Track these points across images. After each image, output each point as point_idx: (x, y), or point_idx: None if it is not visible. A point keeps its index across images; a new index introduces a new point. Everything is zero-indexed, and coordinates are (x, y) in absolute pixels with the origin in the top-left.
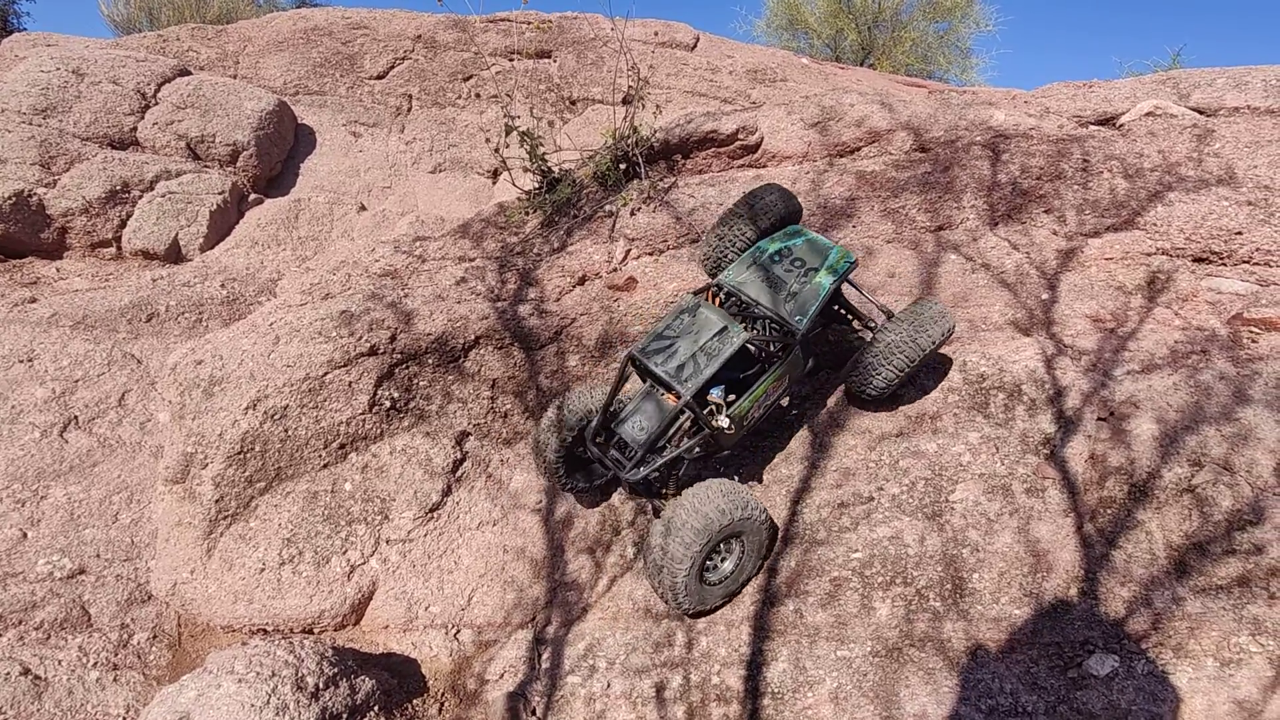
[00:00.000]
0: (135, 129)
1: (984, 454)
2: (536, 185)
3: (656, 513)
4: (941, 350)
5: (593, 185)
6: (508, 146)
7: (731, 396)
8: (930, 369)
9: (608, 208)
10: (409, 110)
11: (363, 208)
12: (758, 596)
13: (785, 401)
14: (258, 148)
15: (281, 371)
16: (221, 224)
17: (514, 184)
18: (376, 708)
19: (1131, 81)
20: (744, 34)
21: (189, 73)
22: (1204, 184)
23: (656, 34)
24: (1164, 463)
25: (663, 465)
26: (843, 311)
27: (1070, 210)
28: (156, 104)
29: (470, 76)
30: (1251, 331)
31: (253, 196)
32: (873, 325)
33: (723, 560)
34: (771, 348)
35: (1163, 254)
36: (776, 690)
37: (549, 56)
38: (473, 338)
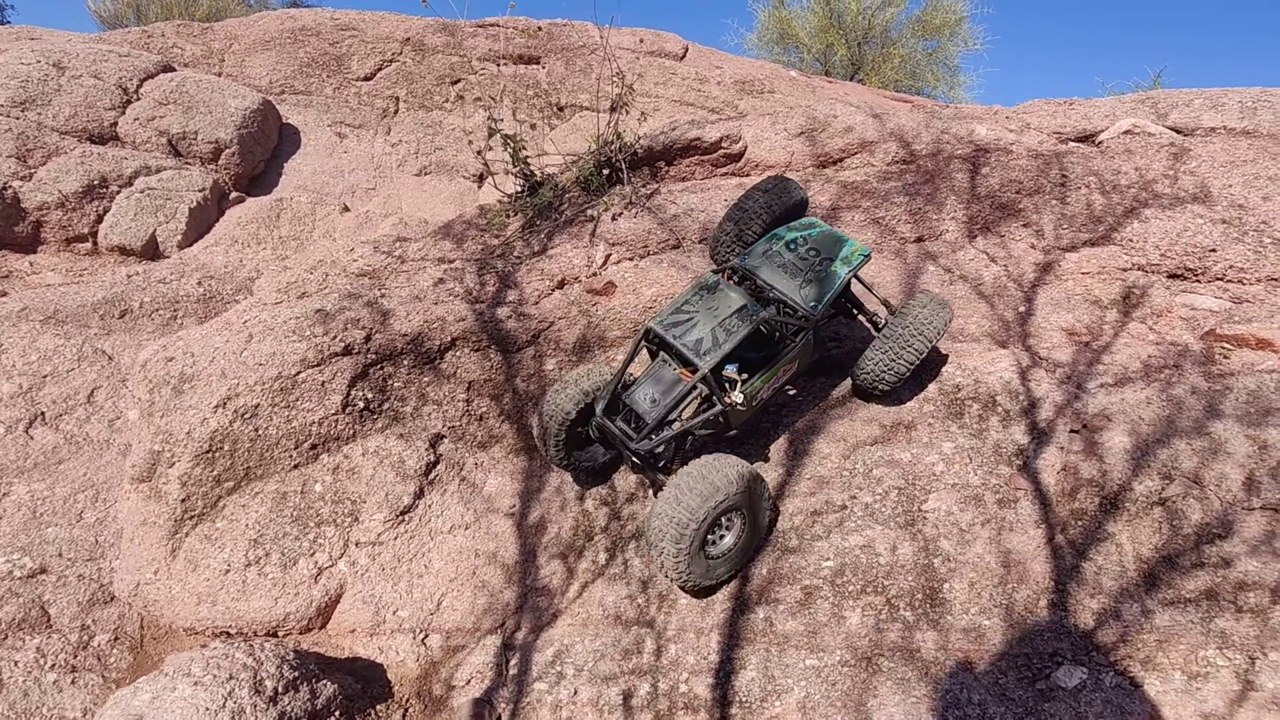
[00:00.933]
0: (116, 124)
1: (957, 464)
2: (519, 188)
3: (657, 490)
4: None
5: (575, 190)
6: (490, 149)
7: (744, 375)
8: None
9: (589, 212)
10: (396, 112)
11: (346, 209)
12: (728, 604)
13: (792, 391)
14: (240, 146)
15: (253, 370)
16: (201, 221)
17: (496, 187)
18: (338, 713)
19: (1111, 100)
20: (735, 47)
21: (173, 69)
22: (1179, 201)
23: (642, 42)
24: (1135, 475)
25: (671, 439)
26: (849, 305)
27: (1048, 224)
28: (138, 99)
29: (458, 80)
30: (1224, 348)
31: (234, 195)
32: (877, 320)
33: (724, 534)
34: (785, 331)
35: (1138, 270)
36: (744, 699)
37: (538, 63)
38: (449, 339)
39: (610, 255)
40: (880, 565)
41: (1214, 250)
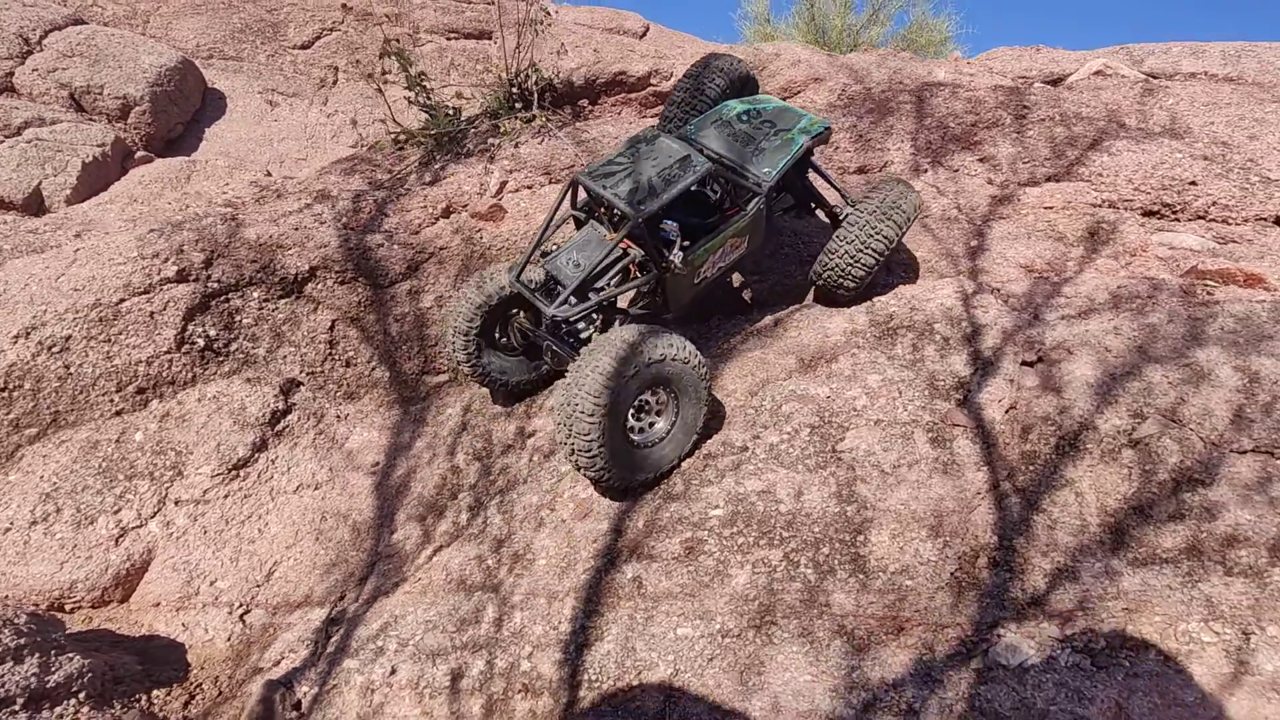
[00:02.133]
0: (12, 74)
1: (883, 398)
2: (425, 121)
3: None
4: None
5: (485, 122)
6: (385, 74)
7: (687, 243)
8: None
9: (492, 140)
10: (334, 83)
11: (268, 175)
12: (593, 561)
13: (748, 297)
14: (153, 104)
15: (66, 296)
16: (97, 178)
17: (392, 118)
18: (81, 695)
19: (1082, 52)
20: None
21: (84, 23)
22: (1151, 135)
23: (596, 17)
24: (1101, 412)
25: (593, 308)
26: (805, 194)
27: (1005, 157)
28: (41, 50)
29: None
30: (1208, 285)
31: (141, 154)
32: (837, 213)
33: (656, 415)
34: (736, 199)
35: (1108, 206)
36: (594, 678)
37: (489, 38)
38: (308, 268)
39: (507, 182)
40: (780, 514)
41: (1195, 184)
